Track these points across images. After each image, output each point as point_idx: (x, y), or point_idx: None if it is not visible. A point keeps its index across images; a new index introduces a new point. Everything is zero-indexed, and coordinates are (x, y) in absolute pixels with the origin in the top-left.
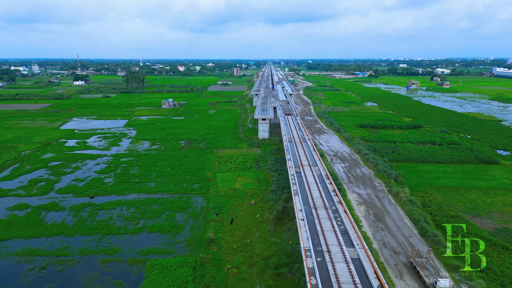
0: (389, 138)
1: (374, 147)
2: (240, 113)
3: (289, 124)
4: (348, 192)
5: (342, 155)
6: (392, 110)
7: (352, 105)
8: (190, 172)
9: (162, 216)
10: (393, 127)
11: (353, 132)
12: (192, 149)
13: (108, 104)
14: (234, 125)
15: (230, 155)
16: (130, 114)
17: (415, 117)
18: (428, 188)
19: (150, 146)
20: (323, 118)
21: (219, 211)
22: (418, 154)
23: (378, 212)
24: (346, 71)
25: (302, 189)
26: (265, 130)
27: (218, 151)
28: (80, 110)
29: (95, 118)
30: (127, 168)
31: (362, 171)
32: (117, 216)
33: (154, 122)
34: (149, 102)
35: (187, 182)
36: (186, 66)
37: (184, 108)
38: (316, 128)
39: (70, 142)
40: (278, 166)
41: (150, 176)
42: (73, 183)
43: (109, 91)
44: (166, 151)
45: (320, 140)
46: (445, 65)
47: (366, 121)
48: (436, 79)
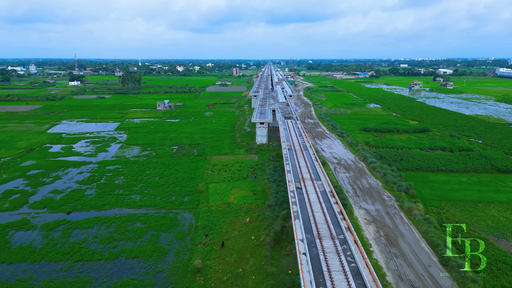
0: (395, 143)
1: (381, 154)
2: (238, 115)
3: (288, 129)
4: (355, 208)
5: (346, 163)
6: (397, 113)
7: (355, 106)
8: (181, 182)
9: (145, 236)
10: (398, 131)
11: (356, 137)
12: (185, 155)
13: (102, 105)
14: (231, 129)
15: (225, 163)
16: (123, 116)
17: (421, 120)
18: (443, 202)
19: (140, 152)
20: (325, 121)
21: (209, 231)
22: (428, 162)
23: (390, 234)
24: (347, 72)
25: (303, 211)
26: (263, 134)
27: (212, 158)
28: (71, 112)
29: (86, 120)
30: (112, 177)
31: (369, 182)
32: (93, 237)
33: (147, 125)
34: (144, 103)
35: (176, 194)
36: (185, 66)
37: (180, 110)
38: (317, 132)
39: (55, 148)
40: (277, 175)
41: (136, 187)
42: (50, 196)
43: (104, 92)
44: (157, 158)
45: (322, 145)
46: (447, 65)
47: (369, 124)
48: (439, 80)
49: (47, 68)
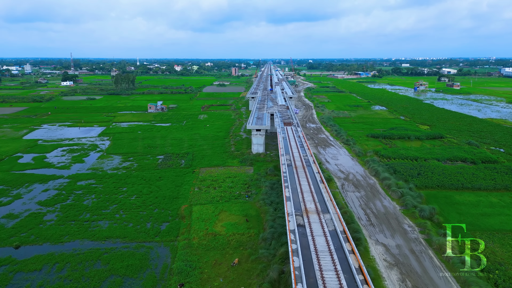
0: (408, 153)
1: (394, 167)
2: (234, 118)
3: (288, 138)
4: (371, 244)
5: (355, 178)
6: (404, 116)
7: (359, 109)
8: (161, 203)
9: (103, 285)
10: (410, 137)
11: (364, 144)
12: (171, 167)
13: (90, 107)
14: (225, 134)
15: (215, 177)
16: (110, 120)
17: (432, 125)
18: (476, 232)
19: (120, 162)
20: (328, 125)
21: (186, 277)
22: (451, 177)
23: (420, 286)
24: (349, 71)
25: (308, 267)
26: (259, 143)
27: (201, 171)
28: (55, 115)
29: (69, 125)
30: (82, 196)
31: (384, 205)
32: (38, 286)
33: (135, 130)
34: (135, 105)
35: (153, 220)
36: (183, 66)
37: (173, 113)
38: (320, 139)
39: (26, 157)
40: (274, 195)
41: (106, 210)
42: (1, 222)
43: (96, 93)
44: (138, 171)
45: (326, 155)
46: (449, 65)
47: (377, 129)
48: (444, 80)
49: (43, 68)
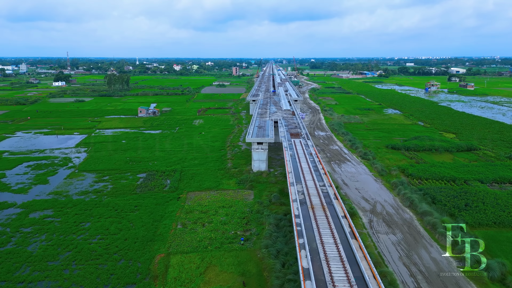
0: (442, 171)
1: (430, 193)
2: (233, 124)
3: (297, 156)
4: None
5: (384, 210)
6: (423, 121)
7: (371, 113)
8: (130, 249)
9: None
10: (438, 149)
11: (385, 158)
12: (152, 191)
13: (76, 111)
14: (221, 145)
15: (205, 206)
16: (94, 126)
17: (457, 132)
18: None
19: (92, 184)
20: (340, 133)
21: None
22: (509, 210)
23: None
24: (353, 71)
25: None
26: (261, 159)
27: (189, 196)
28: (34, 120)
29: (46, 132)
30: (28, 238)
31: (434, 258)
32: None
33: (119, 139)
34: (126, 108)
35: (113, 281)
36: (182, 65)
37: (165, 117)
38: (333, 152)
39: None
40: (281, 241)
41: (55, 262)
42: None
43: (86, 94)
44: (111, 196)
45: (343, 175)
46: (455, 64)
47: (396, 138)
48: (455, 80)
49: (39, 67)
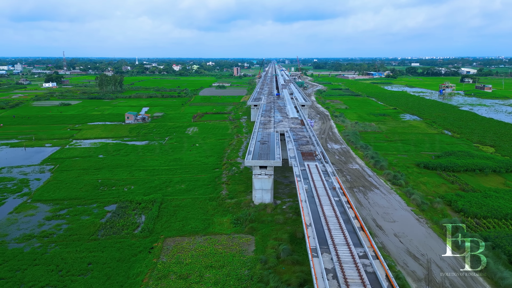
0: (502, 205)
1: (503, 245)
2: (232, 133)
3: (316, 193)
4: None
5: (446, 278)
6: (451, 131)
7: (387, 119)
8: None
9: None
10: (483, 170)
11: (419, 183)
12: (116, 235)
13: (58, 116)
14: (216, 161)
15: (187, 266)
16: (72, 135)
17: (496, 145)
18: None
19: (42, 222)
20: (357, 146)
21: None
22: None
23: None
24: (359, 71)
25: None
26: (265, 188)
27: (166, 245)
28: (6, 128)
29: (14, 143)
30: None
31: None
32: None
33: (96, 152)
34: (114, 113)
35: None
36: (182, 65)
37: (155, 124)
38: (354, 173)
39: None
40: None
41: None
42: None
43: (75, 97)
44: (62, 243)
45: (373, 210)
46: (462, 64)
47: (424, 152)
48: (468, 81)
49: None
